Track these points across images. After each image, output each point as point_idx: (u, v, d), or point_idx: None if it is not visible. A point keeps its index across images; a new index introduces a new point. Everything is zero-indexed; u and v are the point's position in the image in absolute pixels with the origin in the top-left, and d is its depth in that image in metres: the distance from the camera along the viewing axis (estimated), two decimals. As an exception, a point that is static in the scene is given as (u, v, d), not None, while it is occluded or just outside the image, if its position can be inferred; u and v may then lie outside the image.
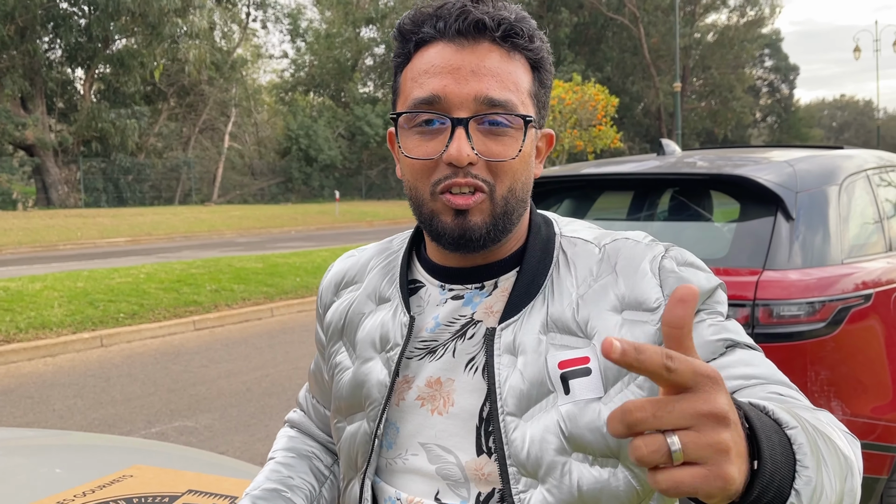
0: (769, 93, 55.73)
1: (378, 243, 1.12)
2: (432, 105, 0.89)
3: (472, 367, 0.93)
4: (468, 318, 0.95)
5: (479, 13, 0.89)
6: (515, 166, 0.90)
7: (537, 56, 0.93)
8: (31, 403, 5.43)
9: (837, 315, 2.48)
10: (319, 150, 35.24)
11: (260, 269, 11.26)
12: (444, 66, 0.89)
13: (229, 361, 6.68)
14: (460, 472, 0.91)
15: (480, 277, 0.96)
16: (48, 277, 10.06)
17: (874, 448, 2.53)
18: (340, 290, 1.09)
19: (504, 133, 0.89)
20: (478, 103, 0.88)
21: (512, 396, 0.89)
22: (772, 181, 2.73)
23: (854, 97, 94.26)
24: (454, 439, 0.92)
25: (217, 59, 31.01)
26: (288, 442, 1.16)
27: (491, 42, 0.90)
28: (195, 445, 4.54)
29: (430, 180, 0.91)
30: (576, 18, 43.32)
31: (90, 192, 28.45)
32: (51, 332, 7.33)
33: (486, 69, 0.88)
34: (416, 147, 0.91)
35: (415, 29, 0.92)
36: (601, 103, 20.91)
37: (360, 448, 0.98)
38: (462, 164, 0.87)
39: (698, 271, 0.92)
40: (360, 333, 1.02)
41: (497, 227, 0.91)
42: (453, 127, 0.88)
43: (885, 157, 3.68)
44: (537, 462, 0.87)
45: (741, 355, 0.86)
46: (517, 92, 0.90)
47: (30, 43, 26.17)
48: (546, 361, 0.89)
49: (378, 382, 0.97)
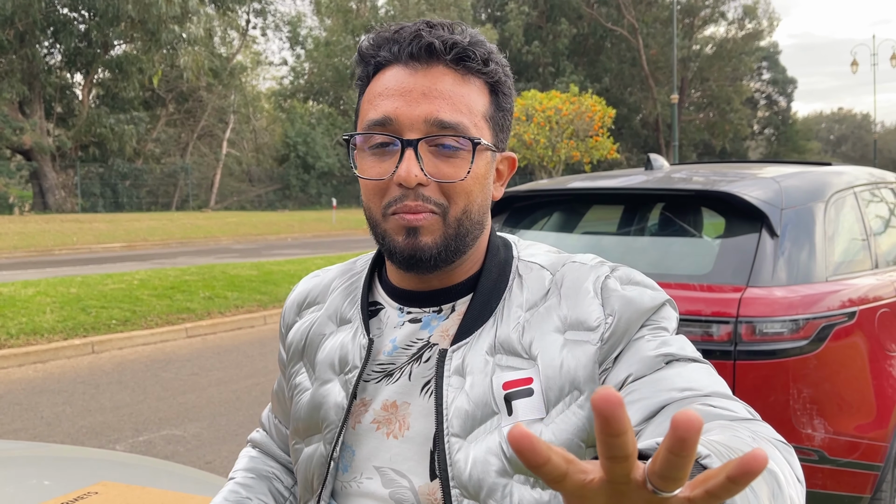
0: (767, 105, 55.90)
1: (342, 264, 1.13)
2: (384, 127, 0.89)
3: (428, 390, 0.93)
4: (425, 342, 0.95)
5: (431, 37, 0.90)
6: (468, 187, 0.91)
7: (493, 79, 0.93)
8: (20, 410, 5.40)
9: (821, 332, 2.48)
10: (317, 157, 35.27)
11: (254, 276, 11.25)
12: (396, 89, 0.90)
13: (220, 369, 6.65)
14: (413, 497, 0.91)
15: (438, 301, 0.97)
16: (41, 283, 10.03)
17: (857, 466, 2.52)
18: (303, 311, 1.10)
19: (454, 155, 0.89)
20: (428, 125, 0.89)
21: (457, 417, 0.89)
22: (757, 197, 2.73)
23: (852, 110, 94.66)
24: (408, 463, 0.92)
25: (216, 65, 31.07)
26: (249, 462, 1.16)
27: (444, 66, 0.90)
28: (182, 454, 4.52)
29: (382, 202, 0.91)
30: (575, 29, 43.48)
31: (87, 196, 28.43)
32: (42, 339, 7.31)
33: (438, 92, 0.89)
34: (370, 168, 0.92)
35: (373, 52, 0.94)
36: (598, 114, 20.97)
37: (317, 470, 0.98)
38: (411, 185, 0.88)
39: (644, 289, 0.93)
40: (320, 355, 1.02)
41: (449, 248, 0.91)
42: (403, 148, 0.89)
43: (875, 173, 3.68)
44: (479, 484, 0.87)
45: (679, 369, 0.85)
46: (469, 114, 0.90)
47: (29, 47, 26.20)
48: (492, 382, 0.90)
49: (335, 405, 0.97)
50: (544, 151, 21.66)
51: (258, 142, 38.29)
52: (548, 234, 3.44)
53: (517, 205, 3.51)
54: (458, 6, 38.61)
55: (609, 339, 0.88)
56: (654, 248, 3.12)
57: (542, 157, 21.91)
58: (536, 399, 0.88)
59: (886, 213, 3.57)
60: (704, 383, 0.84)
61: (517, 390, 0.89)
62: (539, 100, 21.51)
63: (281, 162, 36.59)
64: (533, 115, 21.29)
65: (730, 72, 46.71)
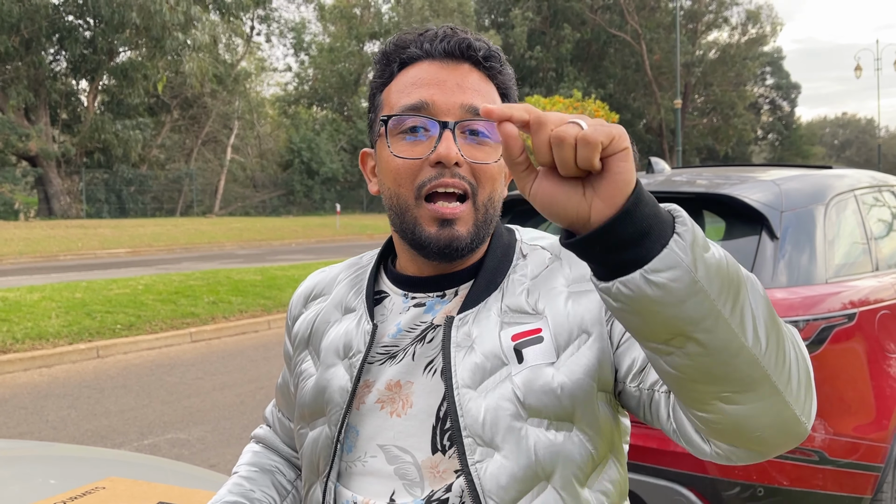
0: (770, 110, 55.85)
1: (349, 259, 1.16)
2: (420, 111, 0.94)
3: (431, 369, 0.96)
4: (428, 324, 0.98)
5: (464, 36, 0.97)
6: (495, 173, 0.97)
7: (508, 83, 1.01)
8: (25, 414, 5.44)
9: (820, 334, 2.49)
10: (321, 163, 35.34)
11: (258, 281, 11.28)
12: (430, 80, 0.95)
13: (224, 374, 6.68)
14: (416, 472, 0.93)
15: (442, 286, 1.00)
16: (47, 288, 10.08)
17: (858, 468, 2.53)
18: (309, 303, 1.13)
19: (485, 143, 0.95)
20: (463, 111, 0.94)
21: (467, 370, 0.92)
22: (757, 200, 2.74)
23: (856, 115, 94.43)
24: (411, 439, 0.94)
25: (220, 72, 31.18)
26: (252, 457, 1.18)
27: (472, 64, 0.97)
28: (187, 458, 4.55)
29: (414, 184, 0.95)
30: (578, 35, 43.53)
31: (92, 202, 28.53)
32: (47, 343, 7.35)
33: (469, 84, 0.96)
34: (402, 151, 0.95)
35: (399, 51, 0.99)
36: (601, 119, 21.01)
37: (322, 453, 1.00)
38: (450, 163, 0.92)
39: None
40: (325, 341, 1.05)
41: (479, 235, 0.96)
42: (441, 129, 0.93)
43: (877, 177, 3.70)
44: (494, 429, 0.90)
45: None
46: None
47: (35, 54, 26.34)
48: (499, 336, 0.93)
49: (340, 388, 1.00)
50: (548, 156, 21.66)
51: (262, 147, 38.39)
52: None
53: (519, 208, 3.53)
54: (462, 12, 38.69)
55: None
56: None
57: (545, 162, 21.92)
58: (546, 345, 0.92)
59: (888, 216, 3.58)
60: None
61: (526, 339, 0.93)
62: (542, 105, 21.56)
63: (285, 168, 36.67)
64: (536, 121, 21.28)
65: (733, 77, 46.70)
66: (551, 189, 0.68)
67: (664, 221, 0.67)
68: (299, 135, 36.01)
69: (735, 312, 0.69)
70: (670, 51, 39.67)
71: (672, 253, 0.65)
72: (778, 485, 2.47)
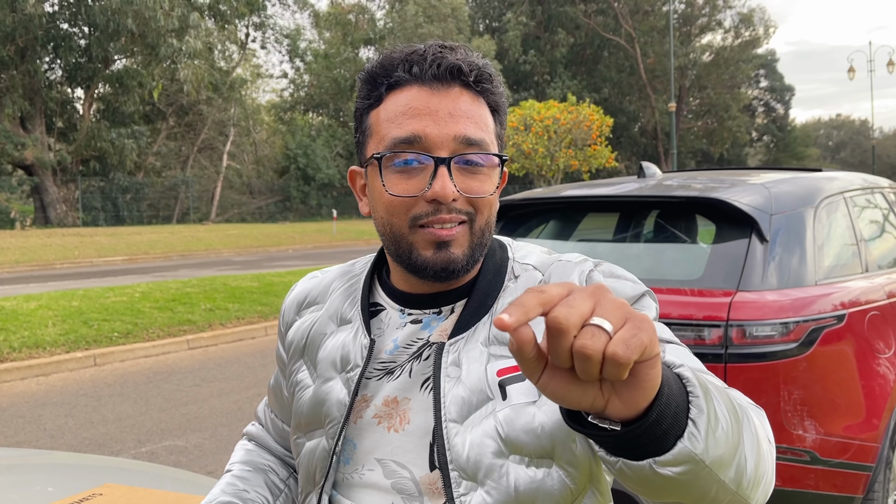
0: (765, 112, 56.02)
1: (341, 266, 1.16)
2: (412, 145, 0.93)
3: (427, 386, 0.97)
4: (424, 341, 1.00)
5: (454, 59, 0.95)
6: (492, 200, 0.98)
7: (499, 100, 1.00)
8: (22, 423, 5.44)
9: (810, 335, 2.52)
10: (318, 168, 35.35)
11: (255, 287, 11.28)
12: (421, 109, 0.94)
13: (222, 380, 6.69)
14: (414, 487, 0.95)
15: (438, 303, 1.02)
16: (43, 296, 10.07)
17: (848, 467, 2.56)
18: (302, 310, 1.14)
19: (480, 171, 0.95)
20: (457, 143, 0.94)
21: (454, 404, 0.94)
22: (746, 203, 2.77)
23: (850, 116, 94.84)
24: (409, 455, 0.96)
25: (216, 79, 31.20)
26: (245, 455, 1.20)
27: (462, 86, 0.96)
28: (185, 465, 4.55)
29: (408, 216, 0.95)
30: (573, 39, 43.65)
31: (88, 210, 28.51)
32: (44, 352, 7.34)
33: (461, 111, 0.94)
34: (395, 185, 0.95)
35: (386, 73, 0.97)
36: (596, 123, 21.04)
37: (319, 463, 1.02)
38: (447, 201, 0.93)
39: (625, 281, 0.99)
40: (322, 353, 1.06)
41: (474, 257, 0.97)
42: (436, 166, 0.93)
43: (868, 179, 3.73)
44: (476, 465, 0.92)
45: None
46: (487, 132, 0.97)
47: (30, 63, 26.35)
48: (486, 370, 0.94)
49: (338, 402, 1.01)
50: (543, 161, 21.73)
51: (258, 154, 38.40)
52: (543, 241, 3.49)
53: (513, 213, 3.56)
54: (456, 17, 38.78)
55: None
56: (647, 254, 3.17)
57: (540, 166, 21.98)
58: (529, 383, 0.92)
59: (878, 218, 3.61)
60: (679, 361, 0.89)
61: (511, 376, 0.94)
62: (537, 109, 21.61)
63: (281, 174, 36.68)
64: (531, 125, 21.37)
65: (727, 79, 46.84)
66: (565, 384, 0.63)
67: (680, 410, 0.65)
68: (295, 141, 36.02)
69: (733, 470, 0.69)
70: (664, 54, 39.80)
71: (686, 448, 0.64)
72: (770, 485, 2.49)
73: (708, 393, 0.68)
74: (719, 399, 0.70)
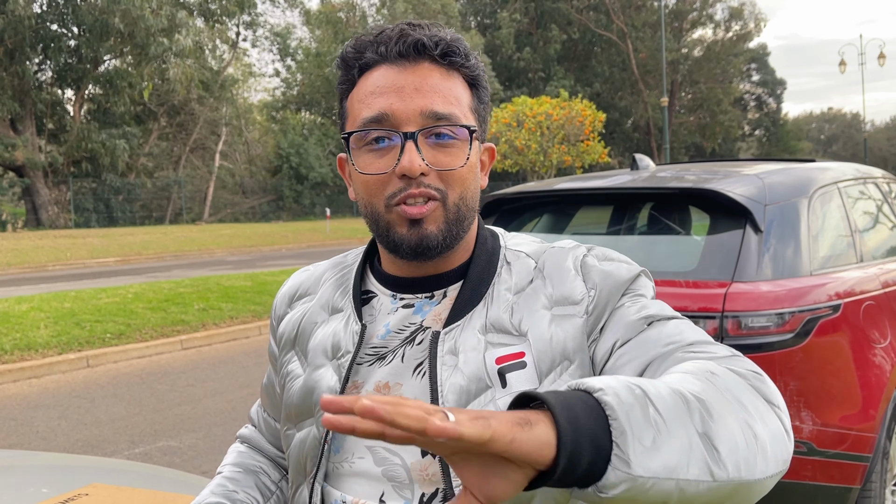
0: (757, 106, 56.16)
1: (333, 258, 1.16)
2: (381, 123, 0.93)
3: (420, 371, 0.96)
4: (417, 325, 0.99)
5: (418, 35, 0.95)
6: (465, 175, 0.96)
7: (474, 73, 0.99)
8: (15, 425, 5.40)
9: (805, 326, 2.50)
10: (310, 167, 35.28)
11: (248, 287, 11.25)
12: (388, 87, 0.94)
13: (215, 380, 6.66)
14: (405, 474, 0.93)
15: (430, 287, 1.01)
16: (35, 298, 10.02)
17: (846, 458, 2.54)
18: (294, 302, 1.13)
19: (451, 145, 0.94)
20: (424, 117, 0.93)
21: (452, 393, 0.92)
22: (740, 194, 2.76)
23: (841, 110, 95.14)
24: None
25: (207, 78, 31.09)
26: (237, 457, 1.18)
27: (431, 62, 0.95)
28: (178, 465, 4.52)
29: (384, 194, 0.95)
30: (565, 35, 43.65)
31: (80, 212, 28.38)
32: (36, 354, 7.30)
33: (429, 86, 0.94)
34: (369, 164, 0.95)
35: (357, 55, 0.97)
36: (588, 119, 21.04)
37: (310, 453, 1.00)
38: (415, 175, 0.92)
39: (620, 263, 0.99)
40: (313, 342, 1.05)
41: (451, 234, 0.96)
42: (403, 141, 0.92)
43: (862, 169, 3.72)
44: None
45: (660, 328, 0.90)
46: (459, 106, 0.96)
47: (19, 64, 26.19)
48: (484, 359, 0.93)
49: (328, 388, 1.00)
50: (536, 157, 21.73)
51: (251, 153, 38.29)
52: (537, 235, 3.47)
53: (506, 207, 3.54)
54: (447, 13, 38.76)
55: (594, 311, 0.94)
56: (640, 246, 3.15)
57: (533, 162, 21.98)
58: (529, 371, 0.92)
59: (872, 208, 3.61)
60: (686, 335, 0.88)
61: (510, 364, 0.93)
62: (530, 105, 21.59)
63: (274, 173, 36.59)
64: (524, 121, 21.36)
65: (719, 74, 46.95)
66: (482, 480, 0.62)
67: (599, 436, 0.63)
68: (287, 140, 35.94)
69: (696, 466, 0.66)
70: (656, 49, 39.82)
71: (616, 471, 0.63)
72: (767, 477, 2.47)
73: (634, 408, 0.64)
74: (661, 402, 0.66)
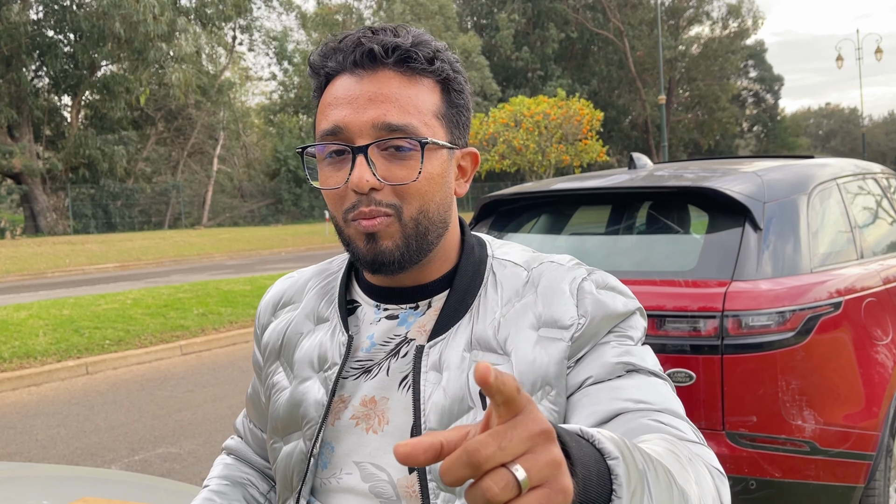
0: (755, 103, 56.18)
1: (317, 265, 1.13)
2: (336, 136, 0.90)
3: (406, 385, 0.94)
4: (402, 337, 0.96)
5: (372, 43, 0.90)
6: (421, 188, 0.91)
7: (441, 76, 0.93)
8: (14, 434, 5.37)
9: (807, 324, 2.48)
10: (309, 170, 35.27)
11: (248, 291, 11.23)
12: (344, 98, 0.91)
13: (215, 386, 6.63)
14: (392, 490, 0.92)
15: (414, 297, 0.98)
16: (34, 305, 9.99)
17: (849, 456, 2.52)
18: (278, 311, 1.10)
19: (406, 157, 0.90)
20: (377, 129, 0.89)
21: (434, 413, 0.90)
22: (739, 192, 2.74)
23: (839, 105, 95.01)
24: (388, 457, 0.92)
25: (204, 82, 31.06)
26: (223, 469, 1.16)
27: (389, 69, 0.91)
28: (178, 472, 4.50)
29: (342, 208, 0.93)
30: (562, 34, 43.64)
31: (79, 218, 28.35)
32: (35, 361, 7.27)
33: (384, 96, 0.90)
34: (327, 178, 0.93)
35: (322, 63, 0.95)
36: (586, 117, 21.03)
37: (296, 467, 0.98)
38: (364, 191, 0.89)
39: (617, 295, 0.95)
40: (298, 353, 1.03)
41: (410, 249, 0.92)
42: (354, 155, 0.90)
43: (861, 164, 3.70)
44: None
45: (637, 381, 0.87)
46: (418, 115, 0.91)
47: (16, 71, 26.16)
48: (468, 378, 0.91)
49: (315, 402, 0.98)
50: (534, 156, 21.71)
51: (249, 157, 38.28)
52: (534, 236, 3.45)
53: (503, 208, 3.51)
54: (444, 14, 38.74)
55: (578, 340, 0.90)
56: (639, 246, 3.13)
57: (532, 161, 21.96)
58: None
59: (872, 204, 3.58)
60: (659, 399, 0.85)
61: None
62: (527, 105, 21.58)
63: (272, 177, 36.57)
64: (521, 121, 21.34)
65: (717, 71, 46.94)
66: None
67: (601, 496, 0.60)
68: (285, 143, 35.94)
69: None
70: (653, 47, 39.83)
71: None
72: (770, 477, 2.45)
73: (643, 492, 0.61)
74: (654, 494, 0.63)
